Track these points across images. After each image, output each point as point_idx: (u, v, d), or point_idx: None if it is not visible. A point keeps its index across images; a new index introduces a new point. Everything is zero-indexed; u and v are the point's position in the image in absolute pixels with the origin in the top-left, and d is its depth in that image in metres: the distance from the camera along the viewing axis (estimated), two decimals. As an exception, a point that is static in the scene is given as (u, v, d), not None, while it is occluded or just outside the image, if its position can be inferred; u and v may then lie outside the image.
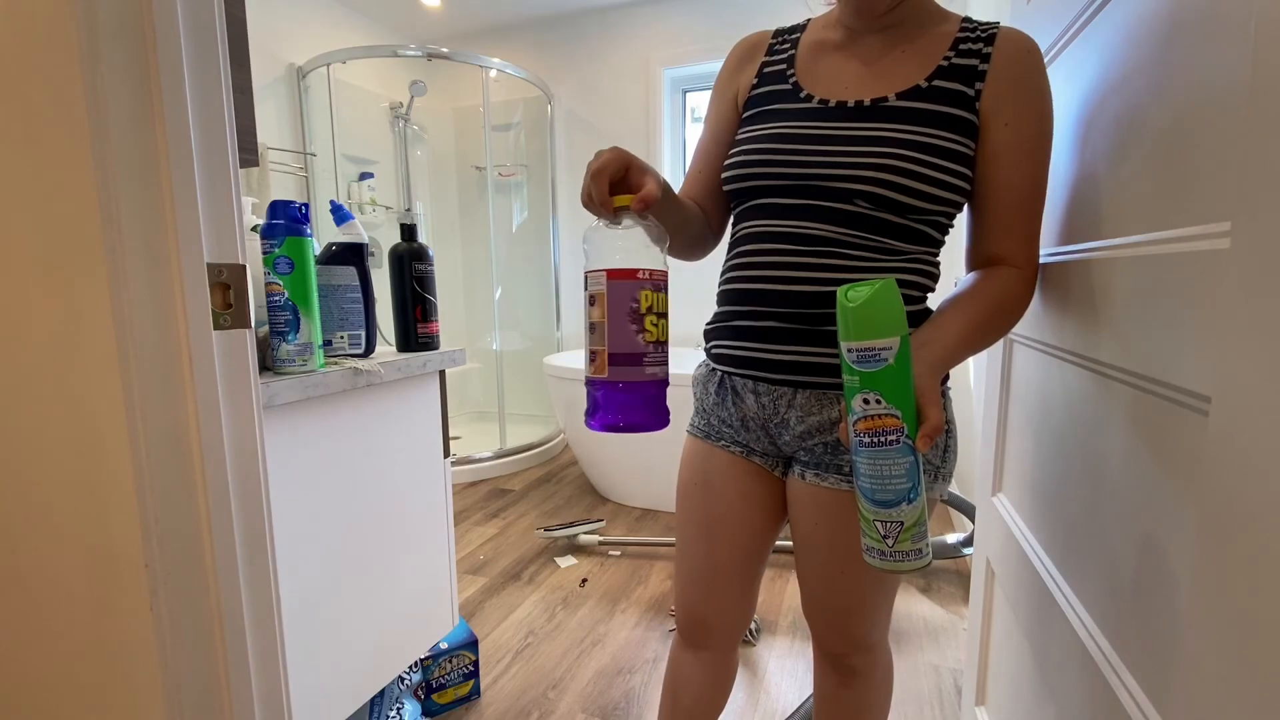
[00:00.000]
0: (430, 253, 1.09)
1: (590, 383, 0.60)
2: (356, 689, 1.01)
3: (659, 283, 0.58)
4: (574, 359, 2.82)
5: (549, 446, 3.18)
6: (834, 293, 0.63)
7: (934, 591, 1.77)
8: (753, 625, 1.60)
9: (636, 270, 0.57)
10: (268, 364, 0.86)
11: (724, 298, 0.73)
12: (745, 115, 0.73)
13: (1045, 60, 0.77)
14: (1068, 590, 0.66)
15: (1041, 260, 0.76)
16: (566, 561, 2.00)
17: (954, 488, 2.33)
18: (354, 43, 3.11)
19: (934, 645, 1.51)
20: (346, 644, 0.98)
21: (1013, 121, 0.62)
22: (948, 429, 0.68)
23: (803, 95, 0.69)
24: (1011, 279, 0.64)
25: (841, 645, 0.77)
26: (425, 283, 1.08)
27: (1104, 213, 0.60)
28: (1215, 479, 0.40)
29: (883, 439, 0.52)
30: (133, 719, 0.65)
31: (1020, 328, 0.84)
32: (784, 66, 0.72)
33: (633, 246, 0.59)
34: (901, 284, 0.66)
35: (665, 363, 0.60)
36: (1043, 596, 0.71)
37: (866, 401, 0.52)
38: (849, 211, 0.64)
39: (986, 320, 0.62)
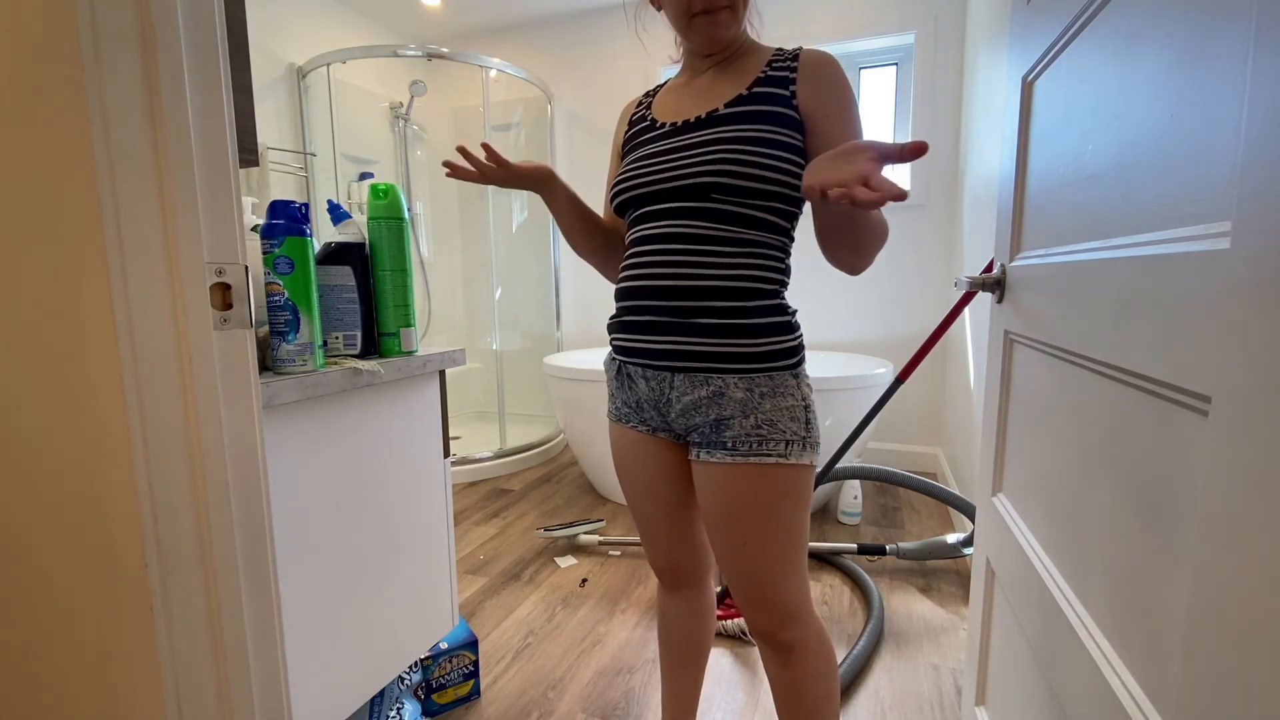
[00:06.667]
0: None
1: None
2: (356, 689, 1.01)
3: None
4: (574, 359, 2.82)
5: (549, 446, 3.18)
6: (697, 287, 0.77)
7: (934, 591, 1.77)
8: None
9: None
10: (268, 364, 0.86)
11: (617, 295, 0.87)
12: (624, 153, 0.92)
13: (1043, 62, 0.79)
14: (1068, 590, 0.66)
15: (1040, 260, 0.77)
16: (566, 561, 2.00)
17: (954, 488, 2.33)
18: (354, 43, 3.10)
19: (934, 645, 1.51)
20: (346, 644, 0.98)
21: (832, 111, 0.77)
22: (806, 405, 0.80)
23: (658, 125, 0.87)
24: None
25: (766, 620, 0.84)
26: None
27: (1104, 213, 0.60)
28: (1215, 479, 0.40)
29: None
30: (133, 718, 0.65)
31: (1020, 328, 0.84)
32: (646, 111, 0.92)
33: None
34: (752, 273, 0.78)
35: None
36: (1043, 596, 0.71)
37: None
38: (705, 207, 0.78)
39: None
